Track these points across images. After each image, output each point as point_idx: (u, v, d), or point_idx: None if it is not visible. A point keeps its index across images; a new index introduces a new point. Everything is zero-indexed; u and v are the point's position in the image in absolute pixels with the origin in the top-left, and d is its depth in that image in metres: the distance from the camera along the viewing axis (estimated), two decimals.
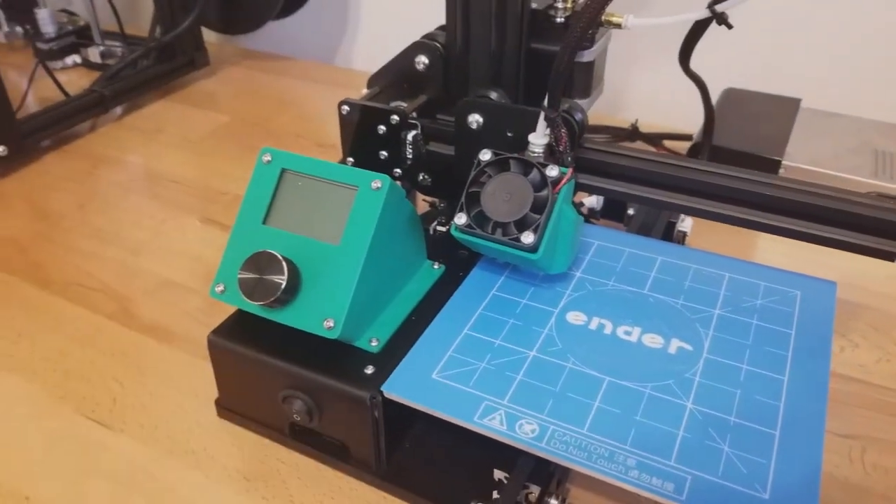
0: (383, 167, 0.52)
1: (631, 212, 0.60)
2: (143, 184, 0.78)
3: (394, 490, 0.44)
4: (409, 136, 0.50)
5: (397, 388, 0.40)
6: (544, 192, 0.42)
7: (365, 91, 0.55)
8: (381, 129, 0.50)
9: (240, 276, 0.43)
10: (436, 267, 0.51)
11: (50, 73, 0.89)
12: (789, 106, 0.75)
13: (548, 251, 0.42)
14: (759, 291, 0.46)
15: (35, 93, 0.94)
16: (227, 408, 0.49)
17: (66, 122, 0.85)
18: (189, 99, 0.97)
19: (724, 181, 0.45)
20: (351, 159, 0.54)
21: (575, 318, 0.45)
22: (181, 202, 0.74)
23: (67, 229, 0.71)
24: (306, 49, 1.11)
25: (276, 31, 1.12)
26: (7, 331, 0.58)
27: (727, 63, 0.80)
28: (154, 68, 0.96)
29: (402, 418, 0.45)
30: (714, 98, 0.65)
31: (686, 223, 0.59)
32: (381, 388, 0.40)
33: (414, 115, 0.51)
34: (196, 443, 0.48)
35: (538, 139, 0.44)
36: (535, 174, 0.42)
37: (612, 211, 0.61)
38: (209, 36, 1.05)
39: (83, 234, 0.70)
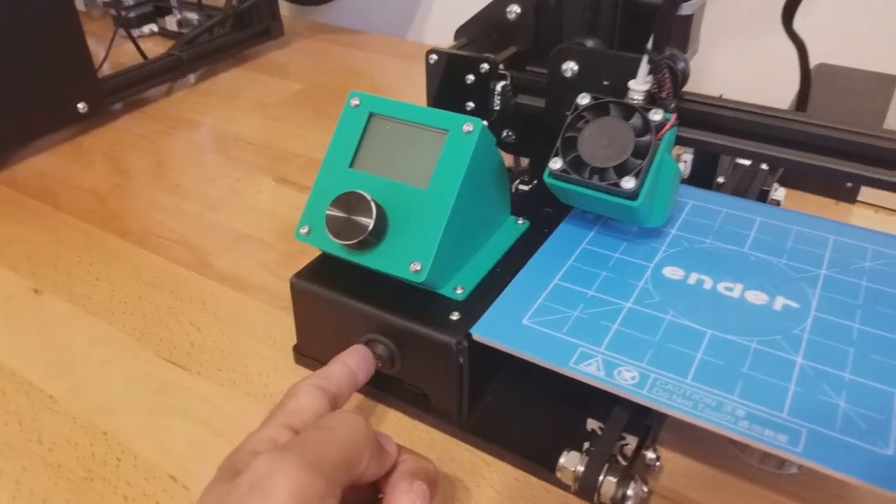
0: None
1: (721, 179, 0.57)
2: (218, 144, 0.79)
3: (477, 442, 0.42)
4: (498, 87, 0.49)
5: (487, 332, 0.39)
6: (647, 138, 0.40)
7: (450, 44, 0.54)
8: (469, 78, 0.49)
9: (328, 213, 0.42)
10: (520, 222, 0.49)
11: (130, 35, 0.90)
12: (886, 83, 0.72)
13: (648, 199, 0.40)
14: (867, 254, 0.43)
15: (114, 59, 0.95)
16: (306, 354, 0.48)
17: (144, 83, 0.86)
18: (263, 67, 0.98)
19: (830, 133, 0.43)
20: None
21: (672, 272, 0.43)
22: (255, 162, 0.74)
23: (145, 184, 0.71)
24: (377, 23, 1.11)
25: (348, 5, 1.12)
26: (87, 275, 0.58)
27: (819, 38, 0.76)
28: (229, 36, 0.96)
29: (485, 369, 0.43)
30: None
31: (779, 192, 0.57)
32: (470, 331, 0.39)
33: (503, 65, 0.49)
34: (273, 387, 0.47)
35: (639, 85, 0.42)
36: (637, 118, 0.40)
37: (701, 178, 0.58)
38: (282, 9, 1.06)
39: (161, 188, 0.70)
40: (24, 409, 0.46)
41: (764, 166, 0.57)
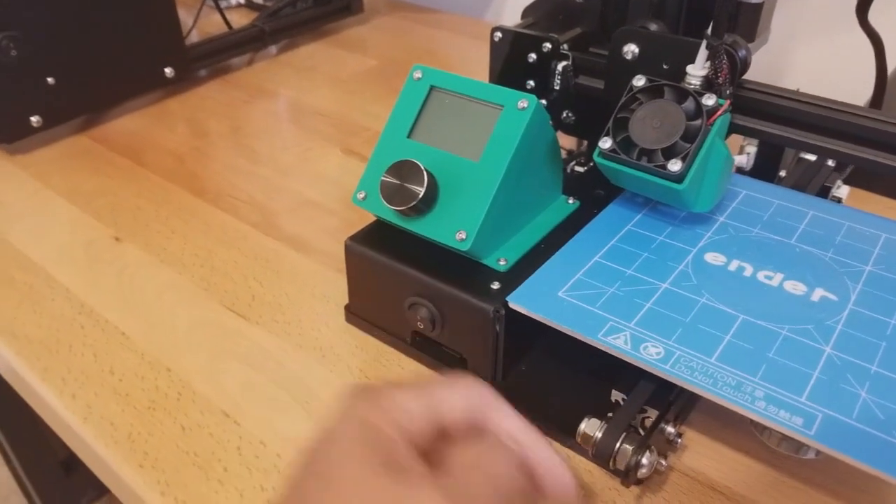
0: None
1: (783, 173, 0.57)
2: (293, 115, 0.82)
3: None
4: (559, 67, 0.50)
5: (523, 301, 0.40)
6: (698, 122, 0.41)
7: (516, 22, 0.55)
8: (532, 57, 0.51)
9: (383, 179, 0.44)
10: (570, 202, 0.50)
11: (217, 5, 0.94)
12: None
13: (694, 184, 0.41)
14: None
15: (201, 28, 1.00)
16: (356, 313, 0.51)
17: (227, 52, 0.90)
18: (341, 42, 1.01)
19: None
20: None
21: (713, 258, 0.43)
22: (326, 133, 0.77)
23: (223, 148, 0.75)
24: (457, 3, 1.12)
25: None
26: (163, 228, 0.62)
27: None
28: (311, 10, 1.00)
29: (521, 339, 0.45)
30: (890, 69, 0.60)
31: (842, 190, 0.56)
32: (507, 299, 0.41)
33: (566, 45, 0.50)
34: (324, 341, 0.50)
35: (696, 70, 0.43)
36: (689, 102, 0.41)
37: (764, 171, 0.58)
38: None
39: (237, 152, 0.74)
40: (100, 342, 0.51)
41: (830, 163, 0.57)
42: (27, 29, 0.68)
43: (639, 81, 0.43)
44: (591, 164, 0.55)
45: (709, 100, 0.41)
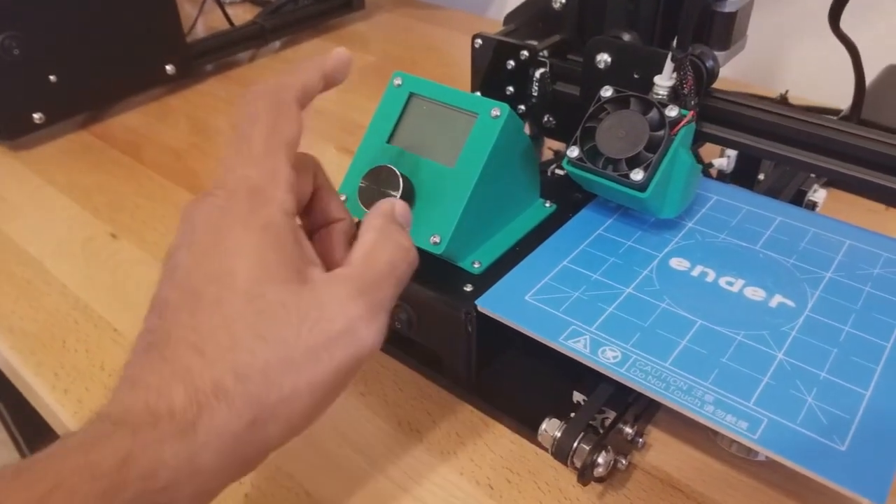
0: (508, 102, 0.54)
1: (761, 177, 0.58)
2: None
3: (479, 403, 0.46)
4: (537, 74, 0.51)
5: (490, 304, 0.42)
6: (661, 132, 0.42)
7: (499, 29, 0.56)
8: (510, 63, 0.52)
9: (360, 185, 0.46)
10: (547, 205, 0.52)
11: (219, 1, 0.96)
12: None
13: (658, 192, 0.42)
14: (880, 261, 0.44)
15: (203, 23, 1.02)
16: None
17: (229, 49, 0.92)
18: (342, 39, 1.02)
19: (868, 144, 0.43)
20: (478, 93, 0.55)
21: (678, 263, 0.44)
22: (322, 130, 0.79)
23: (221, 144, 0.77)
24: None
25: None
26: (159, 225, 0.64)
27: (892, 39, 0.75)
28: (312, 7, 1.01)
29: (494, 341, 0.47)
30: (874, 75, 0.61)
31: (819, 194, 0.57)
32: (476, 303, 0.42)
33: (544, 53, 0.52)
34: None
35: (663, 81, 0.44)
36: (654, 113, 0.42)
37: (743, 175, 0.59)
38: None
39: None
40: (92, 338, 0.53)
41: None
42: (30, 28, 0.70)
43: (606, 92, 0.44)
44: None
45: (672, 111, 0.42)
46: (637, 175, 0.41)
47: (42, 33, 0.71)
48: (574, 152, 0.44)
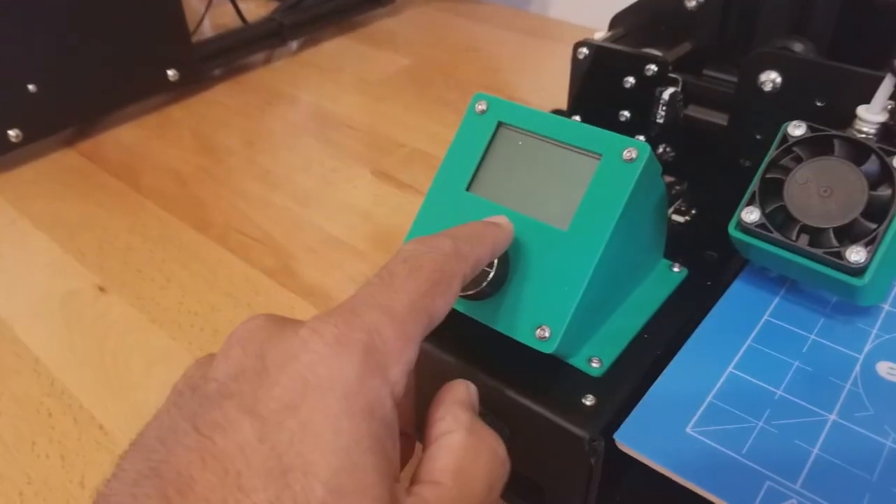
0: (622, 131, 0.41)
1: None
2: (315, 125, 0.71)
3: None
4: (666, 95, 0.38)
5: (637, 440, 0.29)
6: (886, 192, 0.29)
7: (599, 34, 0.43)
8: (629, 81, 0.39)
9: None
10: (676, 270, 0.39)
11: None
12: None
13: (875, 277, 0.29)
14: None
15: (212, 20, 0.89)
16: None
17: (241, 50, 0.79)
18: (370, 38, 0.89)
19: None
20: (577, 117, 0.42)
21: (889, 371, 0.32)
22: (354, 150, 0.66)
23: (233, 168, 0.64)
24: None
25: None
26: (157, 275, 0.52)
27: None
28: (336, 1, 0.88)
29: (621, 466, 0.34)
30: None
31: None
32: (615, 436, 0.30)
33: (671, 67, 0.39)
34: None
35: (874, 114, 0.31)
36: (872, 163, 0.29)
37: None
38: None
39: (249, 174, 0.63)
40: (70, 439, 0.40)
41: None
42: (2, 28, 0.57)
43: (797, 129, 0.31)
44: (694, 212, 0.44)
45: None
46: (856, 254, 0.28)
47: (18, 33, 0.58)
48: (752, 215, 0.31)
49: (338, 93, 0.76)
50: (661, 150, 0.43)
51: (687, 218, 0.43)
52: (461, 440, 0.24)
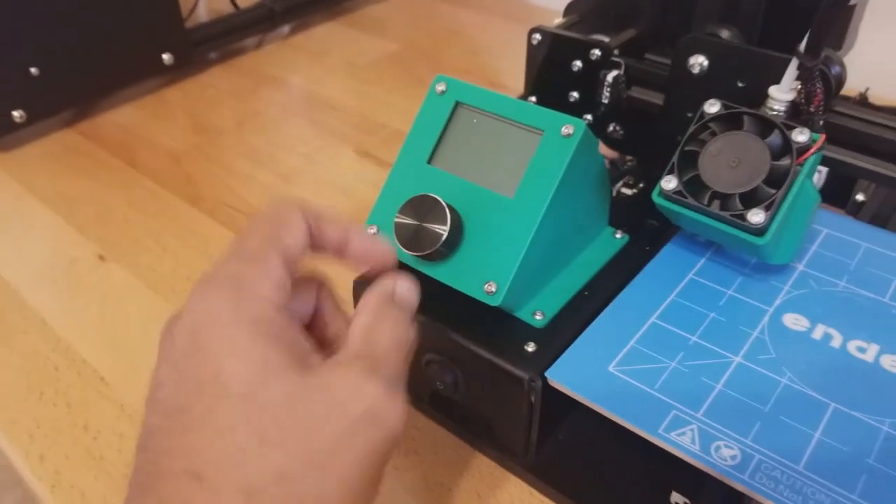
0: (572, 111, 0.45)
1: (860, 197, 0.49)
2: (302, 107, 0.75)
3: (541, 486, 0.38)
4: (609, 77, 0.42)
5: (565, 377, 0.33)
6: (785, 161, 0.33)
7: (558, 20, 0.47)
8: (577, 65, 0.43)
9: (396, 220, 0.37)
10: (618, 236, 0.43)
11: None
12: None
13: (776, 237, 0.34)
14: None
15: (204, 6, 0.92)
16: None
17: (234, 34, 0.83)
18: (358, 22, 0.93)
19: None
20: (533, 98, 0.46)
21: (794, 321, 0.36)
22: (339, 130, 0.70)
23: (224, 146, 0.68)
24: None
25: None
26: (153, 244, 0.56)
27: None
28: None
29: (558, 407, 0.38)
30: None
31: None
32: (546, 374, 0.34)
33: (617, 51, 0.42)
34: None
35: (782, 93, 0.35)
36: (776, 136, 0.33)
37: (836, 195, 0.50)
38: None
39: (239, 152, 0.67)
40: (75, 388, 0.44)
41: None
42: (5, 14, 0.61)
43: (712, 107, 0.35)
44: (641, 185, 0.48)
45: (801, 135, 0.33)
46: (756, 216, 0.33)
47: (20, 20, 0.62)
48: (671, 183, 0.35)
49: (326, 76, 0.80)
50: (610, 128, 0.47)
51: (635, 191, 0.48)
52: (372, 311, 0.29)
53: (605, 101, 0.43)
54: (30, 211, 0.60)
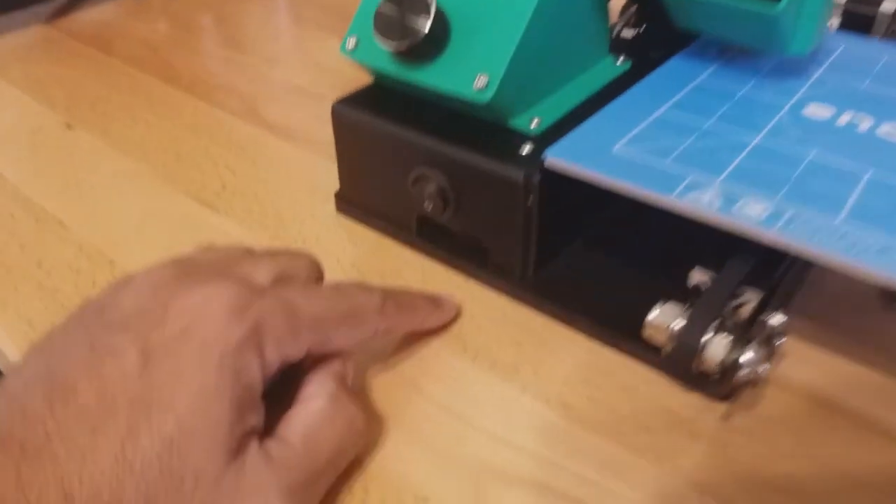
0: None
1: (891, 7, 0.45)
2: (288, 4, 0.71)
3: (542, 304, 0.34)
4: None
5: (566, 154, 0.30)
6: None
7: None
8: None
9: (379, 9, 0.34)
10: (619, 63, 0.40)
11: None
12: None
13: (792, 8, 0.30)
14: None
15: None
16: (348, 200, 0.41)
17: None
18: None
19: None
20: None
21: (817, 110, 0.33)
22: (325, 23, 0.67)
23: (205, 38, 0.65)
24: None
25: None
26: (124, 115, 0.52)
27: None
28: None
29: (560, 223, 0.35)
30: None
31: None
32: (545, 154, 0.30)
33: None
34: (308, 233, 0.40)
35: None
36: None
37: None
38: None
39: (220, 42, 0.64)
40: (30, 232, 0.41)
41: None
42: None
43: None
44: (644, 26, 0.45)
45: None
46: None
47: None
48: None
49: None
50: None
51: (637, 30, 0.44)
52: (320, 406, 0.25)
53: None
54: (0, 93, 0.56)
